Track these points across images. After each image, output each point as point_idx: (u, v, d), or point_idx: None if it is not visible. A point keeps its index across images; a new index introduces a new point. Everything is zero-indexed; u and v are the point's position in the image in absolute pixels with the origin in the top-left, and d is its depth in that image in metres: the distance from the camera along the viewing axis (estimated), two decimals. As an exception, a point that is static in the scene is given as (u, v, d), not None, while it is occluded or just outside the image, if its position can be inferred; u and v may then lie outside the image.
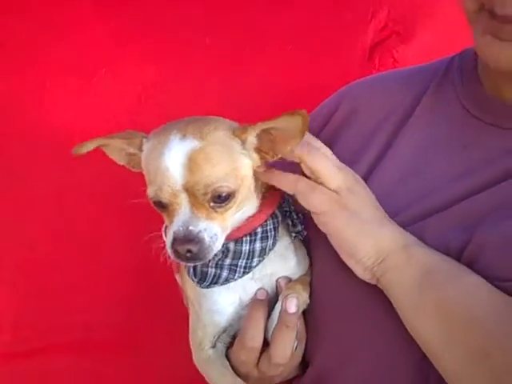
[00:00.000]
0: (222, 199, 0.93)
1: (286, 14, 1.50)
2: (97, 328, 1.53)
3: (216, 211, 0.94)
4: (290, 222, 1.04)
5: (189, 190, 0.92)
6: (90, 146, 1.00)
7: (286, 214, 1.04)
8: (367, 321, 0.98)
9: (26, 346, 1.51)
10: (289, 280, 1.05)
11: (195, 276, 1.01)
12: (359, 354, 0.98)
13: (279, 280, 1.04)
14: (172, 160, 0.92)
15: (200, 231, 0.92)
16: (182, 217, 0.93)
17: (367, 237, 0.93)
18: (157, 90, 1.49)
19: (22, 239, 1.49)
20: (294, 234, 1.04)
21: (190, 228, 0.92)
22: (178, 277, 1.12)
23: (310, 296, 1.04)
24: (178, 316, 1.48)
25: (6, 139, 1.46)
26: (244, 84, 1.50)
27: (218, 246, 0.94)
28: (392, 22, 1.51)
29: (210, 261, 0.99)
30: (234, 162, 0.95)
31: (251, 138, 0.96)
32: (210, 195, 0.92)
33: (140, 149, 1.00)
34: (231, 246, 1.00)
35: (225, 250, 1.00)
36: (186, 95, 1.49)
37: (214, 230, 0.93)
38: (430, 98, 1.07)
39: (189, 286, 1.07)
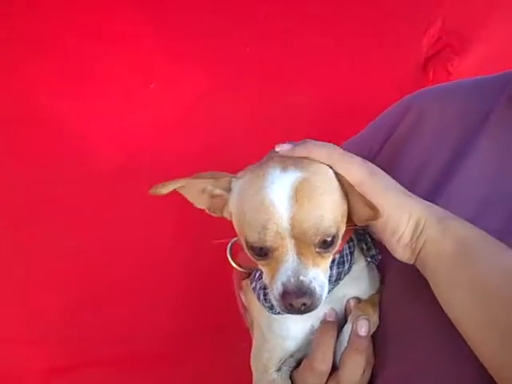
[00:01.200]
0: (328, 243, 0.85)
1: (339, 25, 1.49)
2: (141, 342, 1.53)
3: (322, 256, 0.85)
4: (365, 246, 0.99)
5: (296, 230, 0.82)
6: (171, 187, 0.89)
7: (361, 237, 1.00)
8: (431, 345, 0.92)
9: (71, 360, 1.51)
10: (358, 301, 1.00)
11: (266, 301, 0.96)
12: (421, 378, 0.93)
13: (349, 300, 0.99)
14: (277, 195, 0.83)
15: (311, 281, 0.82)
16: (290, 265, 0.82)
17: (404, 208, 0.88)
18: (208, 101, 1.48)
19: (70, 249, 1.48)
20: (369, 259, 0.99)
21: (301, 278, 0.82)
22: (241, 295, 1.09)
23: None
24: (226, 331, 1.51)
25: (53, 148, 1.46)
26: (295, 96, 1.48)
27: (325, 294, 0.86)
28: (446, 34, 1.49)
29: None
30: (337, 195, 0.87)
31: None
32: (319, 237, 0.84)
33: (227, 190, 0.91)
34: None
35: None
36: (236, 105, 1.48)
37: (322, 278, 0.85)
38: (502, 109, 1.03)
39: (256, 308, 1.01)
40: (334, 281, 0.95)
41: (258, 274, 0.98)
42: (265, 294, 0.96)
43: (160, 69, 1.48)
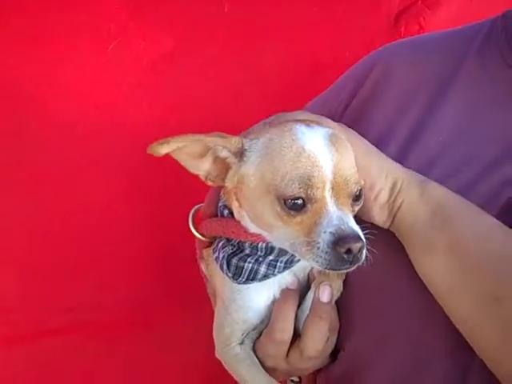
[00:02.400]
0: (359, 196, 0.84)
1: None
2: (108, 308, 1.51)
3: (353, 211, 0.84)
4: None
5: (337, 176, 0.81)
6: (173, 145, 0.84)
7: None
8: (403, 305, 0.92)
9: (36, 326, 1.49)
10: None
11: (229, 271, 0.93)
12: (395, 339, 0.93)
13: (312, 268, 0.97)
14: (316, 145, 0.82)
15: (362, 237, 0.81)
16: (333, 214, 0.80)
17: (383, 168, 0.88)
18: (172, 61, 1.43)
19: (32, 217, 1.45)
20: None
21: (350, 225, 0.81)
22: (202, 266, 1.05)
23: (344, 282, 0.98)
24: (193, 297, 1.44)
25: (18, 112, 1.41)
26: (265, 52, 1.44)
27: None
28: (418, -14, 1.45)
29: (248, 256, 0.92)
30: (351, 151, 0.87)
31: None
32: (357, 188, 0.83)
33: (236, 153, 0.86)
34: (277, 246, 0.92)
35: (269, 248, 0.91)
36: (202, 66, 1.44)
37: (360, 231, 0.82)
38: (472, 63, 1.01)
39: (219, 278, 0.99)
40: None
41: (221, 243, 0.96)
42: (228, 264, 0.93)
43: (121, 29, 1.42)
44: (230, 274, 0.92)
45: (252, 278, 0.92)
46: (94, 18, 1.40)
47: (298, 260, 0.92)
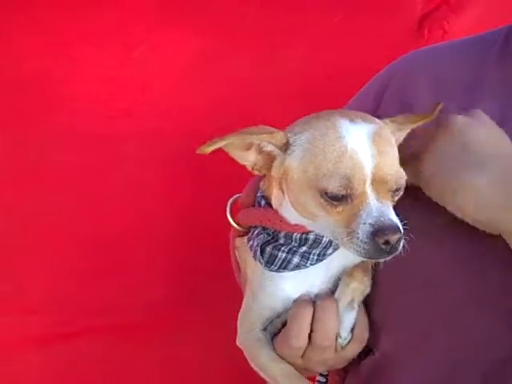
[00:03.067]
0: (400, 191, 0.87)
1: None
2: (133, 311, 1.51)
3: (393, 200, 0.87)
4: None
5: (377, 176, 0.84)
6: (219, 144, 0.87)
7: None
8: (445, 304, 0.91)
9: (60, 328, 1.50)
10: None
11: (262, 258, 0.95)
12: (432, 339, 0.92)
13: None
14: (358, 143, 0.84)
15: (397, 221, 0.84)
16: (373, 207, 0.83)
17: None
18: (200, 66, 1.45)
19: (59, 219, 1.47)
20: None
21: (390, 217, 0.83)
22: (236, 255, 1.08)
23: (373, 279, 0.98)
24: (216, 300, 1.50)
25: (42, 112, 1.43)
26: (288, 59, 1.46)
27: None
28: (442, -10, 1.45)
29: (282, 245, 0.94)
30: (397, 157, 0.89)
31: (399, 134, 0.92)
32: (396, 185, 0.86)
33: (281, 146, 0.89)
34: (311, 236, 0.93)
35: (303, 240, 0.93)
36: (227, 70, 1.45)
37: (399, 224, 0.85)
38: (493, 69, 1.01)
39: (250, 266, 1.01)
40: (336, 244, 0.93)
41: (256, 232, 0.98)
42: (262, 251, 0.95)
43: (149, 31, 1.45)
44: (262, 261, 0.95)
45: (284, 266, 0.94)
46: (121, 19, 1.42)
47: (330, 254, 0.94)
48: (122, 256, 1.50)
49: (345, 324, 0.96)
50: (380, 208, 0.83)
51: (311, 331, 0.95)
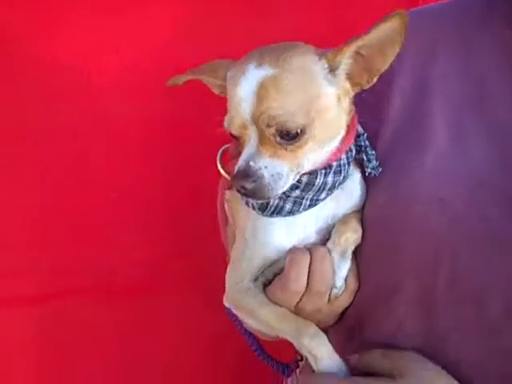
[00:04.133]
0: (290, 136, 0.87)
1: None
2: (118, 271, 1.53)
3: (285, 149, 0.88)
4: (365, 157, 0.97)
5: (256, 121, 0.87)
6: (181, 79, 0.98)
7: (361, 148, 0.98)
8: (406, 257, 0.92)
9: (46, 289, 1.51)
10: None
11: (254, 206, 0.96)
12: (406, 283, 0.92)
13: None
14: (244, 88, 0.88)
15: (260, 168, 0.87)
16: (247, 151, 0.89)
17: None
18: (186, 35, 1.43)
19: (45, 181, 1.47)
20: (369, 170, 0.97)
21: (250, 164, 0.87)
22: (225, 207, 1.07)
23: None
24: (203, 258, 1.51)
25: (19, 71, 1.42)
26: (276, 28, 1.43)
27: (282, 186, 0.89)
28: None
29: None
30: (313, 91, 0.88)
31: (345, 61, 0.90)
32: (274, 129, 0.87)
33: (225, 79, 0.94)
34: (304, 178, 0.93)
35: (294, 185, 0.93)
36: (216, 41, 1.43)
37: (278, 169, 0.88)
38: (474, 32, 1.01)
39: (243, 215, 1.01)
40: (329, 189, 0.95)
41: None
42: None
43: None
44: (256, 206, 0.95)
45: (277, 212, 0.94)
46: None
47: (323, 199, 0.95)
48: (106, 217, 1.51)
49: (340, 273, 0.97)
50: (251, 153, 0.88)
51: (308, 278, 0.95)
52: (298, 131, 0.87)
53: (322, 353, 0.92)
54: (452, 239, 0.88)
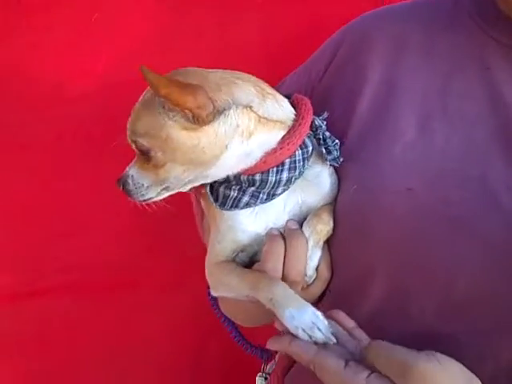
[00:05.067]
0: (144, 154, 0.97)
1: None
2: (96, 269, 1.53)
3: (147, 164, 0.98)
4: (324, 150, 1.00)
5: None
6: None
7: (320, 141, 1.01)
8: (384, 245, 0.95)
9: (25, 287, 1.52)
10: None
11: (217, 199, 1.01)
12: (378, 269, 0.96)
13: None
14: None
15: (127, 176, 1.00)
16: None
17: None
18: (159, 33, 1.46)
19: (22, 178, 1.48)
20: (328, 162, 1.01)
21: (127, 169, 1.01)
22: (202, 200, 1.11)
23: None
24: (179, 255, 1.53)
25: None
26: (240, 28, 1.47)
27: (146, 194, 1.00)
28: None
29: (233, 185, 1.00)
30: (153, 122, 0.95)
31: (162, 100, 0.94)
32: (134, 146, 0.98)
33: None
34: (257, 177, 0.98)
35: (251, 181, 0.98)
36: (182, 45, 1.46)
37: (140, 180, 0.99)
38: (441, 31, 1.06)
39: (213, 207, 1.05)
40: (284, 184, 0.99)
41: None
42: (216, 192, 1.02)
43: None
44: (216, 203, 1.01)
45: (235, 205, 0.99)
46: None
47: (280, 194, 1.00)
48: (88, 214, 1.52)
49: (312, 263, 1.00)
50: (133, 163, 1.00)
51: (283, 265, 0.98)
52: (147, 151, 0.97)
53: (279, 293, 0.92)
54: (417, 225, 0.93)
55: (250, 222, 1.02)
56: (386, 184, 0.96)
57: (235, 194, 0.99)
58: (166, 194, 1.01)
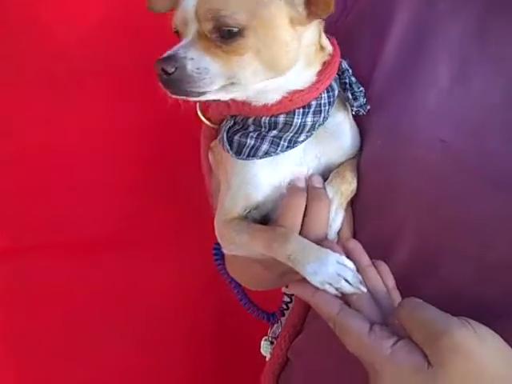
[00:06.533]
0: (227, 35, 0.81)
1: None
2: (90, 227, 1.48)
3: (220, 48, 0.82)
4: (350, 95, 0.93)
5: (196, 16, 0.82)
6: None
7: (346, 85, 0.93)
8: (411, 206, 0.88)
9: (17, 243, 1.47)
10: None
11: (231, 148, 0.91)
12: (397, 234, 0.89)
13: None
14: None
15: (185, 57, 0.82)
16: (181, 43, 0.84)
17: None
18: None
19: (13, 132, 1.40)
20: (355, 109, 0.93)
21: (178, 51, 0.83)
22: (210, 156, 1.02)
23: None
24: (180, 213, 1.48)
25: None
26: None
27: (206, 85, 0.83)
28: None
29: (250, 131, 0.91)
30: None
31: None
32: (212, 24, 0.81)
33: None
34: (281, 118, 0.90)
35: (272, 123, 0.90)
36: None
37: (205, 64, 0.82)
38: None
39: (223, 162, 0.97)
40: (308, 130, 0.91)
41: (226, 122, 0.94)
42: (230, 141, 0.92)
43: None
44: (231, 151, 0.91)
45: (253, 154, 0.90)
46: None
47: (302, 141, 0.92)
48: (70, 172, 1.45)
49: (334, 225, 0.93)
50: (183, 44, 0.83)
51: (303, 223, 0.91)
52: (235, 30, 0.81)
53: (296, 248, 0.85)
54: (454, 180, 0.85)
55: (266, 175, 0.93)
56: (418, 135, 0.88)
57: (252, 142, 0.91)
58: (222, 96, 0.88)
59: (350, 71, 0.94)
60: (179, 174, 1.46)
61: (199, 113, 0.99)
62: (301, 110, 0.90)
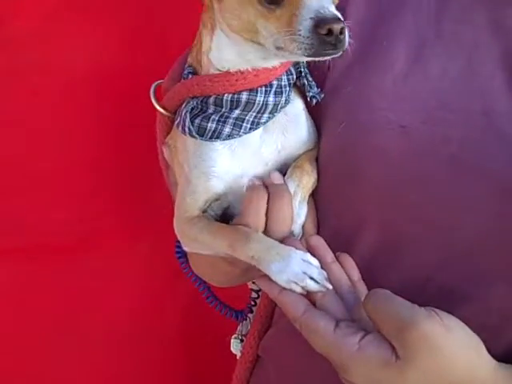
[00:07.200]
0: None
1: None
2: (47, 232, 1.43)
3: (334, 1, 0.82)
4: (306, 82, 0.93)
5: None
6: None
7: (301, 74, 0.93)
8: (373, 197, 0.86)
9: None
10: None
11: (193, 125, 0.89)
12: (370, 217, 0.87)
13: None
14: None
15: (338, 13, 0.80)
16: (312, 2, 0.79)
17: None
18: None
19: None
20: (310, 95, 0.92)
21: (331, 9, 0.80)
22: (165, 150, 1.00)
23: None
24: (141, 213, 1.44)
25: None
26: None
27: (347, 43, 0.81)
28: None
29: (211, 113, 0.89)
30: None
31: None
32: None
33: None
34: (244, 96, 0.88)
35: (235, 101, 0.89)
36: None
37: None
38: None
39: (182, 149, 0.94)
40: (270, 111, 0.90)
41: (183, 107, 0.92)
42: (192, 118, 0.89)
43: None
44: (194, 130, 0.89)
45: (216, 136, 0.89)
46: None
47: (265, 122, 0.90)
48: (39, 173, 1.39)
49: (299, 220, 0.91)
50: (319, 2, 0.80)
51: (267, 221, 0.88)
52: None
53: (260, 248, 0.83)
54: (415, 165, 0.83)
55: (226, 162, 0.91)
56: (377, 121, 0.86)
57: (214, 126, 0.89)
58: None
59: (305, 62, 0.93)
60: (138, 172, 1.42)
61: (153, 101, 0.98)
62: (263, 89, 0.89)
